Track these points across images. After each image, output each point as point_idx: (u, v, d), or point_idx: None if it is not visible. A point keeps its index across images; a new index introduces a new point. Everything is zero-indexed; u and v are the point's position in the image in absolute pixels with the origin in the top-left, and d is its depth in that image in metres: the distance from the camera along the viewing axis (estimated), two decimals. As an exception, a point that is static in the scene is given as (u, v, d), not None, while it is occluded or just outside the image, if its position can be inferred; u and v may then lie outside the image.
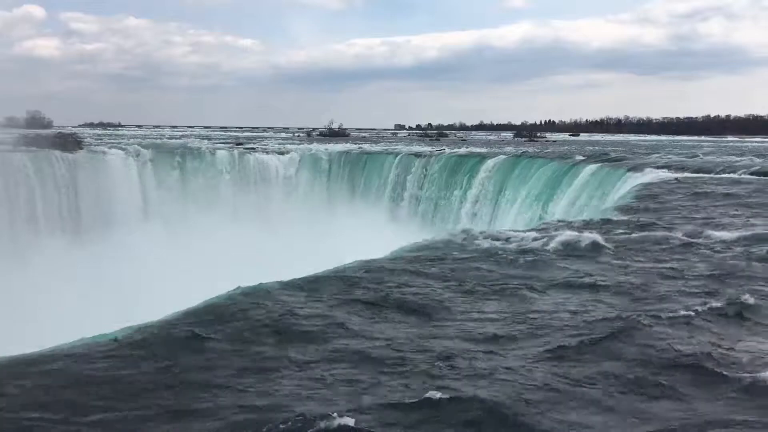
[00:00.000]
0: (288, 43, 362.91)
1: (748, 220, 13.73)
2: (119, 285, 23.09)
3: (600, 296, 8.05)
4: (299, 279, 8.33)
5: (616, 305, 7.61)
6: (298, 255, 23.34)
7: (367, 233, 29.13)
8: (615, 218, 14.06)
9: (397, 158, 41.79)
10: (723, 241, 11.22)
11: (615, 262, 9.95)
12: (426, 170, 39.22)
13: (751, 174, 23.65)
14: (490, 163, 36.22)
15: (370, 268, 9.16)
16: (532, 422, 4.65)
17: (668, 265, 9.67)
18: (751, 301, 7.53)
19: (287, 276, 8.51)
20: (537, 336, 6.56)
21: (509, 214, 30.91)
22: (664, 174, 23.98)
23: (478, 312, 7.40)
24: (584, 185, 26.89)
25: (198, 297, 7.48)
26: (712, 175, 23.66)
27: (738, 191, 18.79)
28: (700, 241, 11.29)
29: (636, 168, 26.38)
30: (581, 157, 33.01)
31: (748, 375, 5.44)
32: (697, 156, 35.83)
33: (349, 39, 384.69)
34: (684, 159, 32.80)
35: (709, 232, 11.91)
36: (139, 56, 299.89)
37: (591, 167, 28.66)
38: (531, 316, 7.25)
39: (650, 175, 23.79)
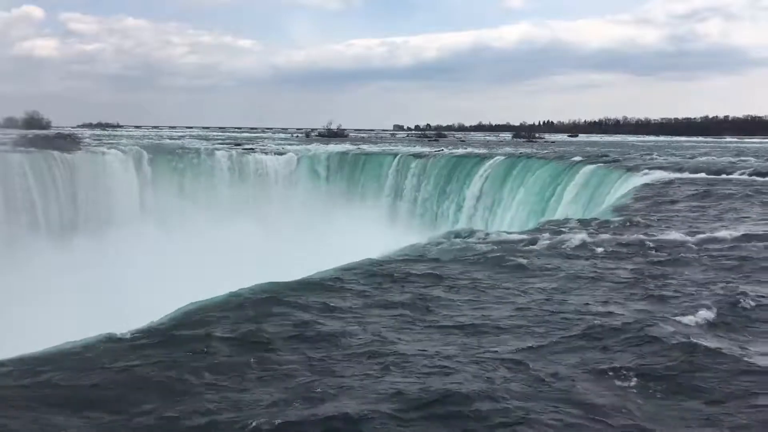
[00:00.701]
0: (287, 43, 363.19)
1: (742, 221, 13.80)
2: (117, 285, 23.11)
3: (581, 297, 8.09)
4: (282, 282, 8.33)
5: (595, 306, 7.66)
6: (297, 255, 23.40)
7: (365, 233, 29.13)
8: (610, 220, 14.13)
9: (396, 159, 41.79)
10: (716, 242, 11.28)
11: (605, 263, 10.00)
12: (425, 171, 39.25)
13: (749, 175, 23.77)
14: (488, 163, 36.26)
15: (360, 270, 9.21)
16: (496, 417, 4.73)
17: (652, 266, 9.72)
18: (745, 304, 7.56)
19: (284, 277, 8.56)
20: (514, 333, 6.63)
21: (507, 214, 30.99)
22: (661, 175, 24.09)
23: (457, 312, 7.46)
24: (581, 186, 26.96)
25: (196, 297, 7.53)
26: (708, 176, 23.76)
27: (736, 192, 18.89)
28: (691, 243, 11.34)
29: (633, 169, 26.47)
30: (579, 158, 33.08)
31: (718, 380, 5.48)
32: (695, 157, 35.92)
33: (347, 39, 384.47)
34: (681, 160, 32.90)
35: (702, 234, 11.99)
36: (138, 56, 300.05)
37: (588, 168, 28.73)
38: (513, 315, 7.32)
39: (648, 177, 23.89)
